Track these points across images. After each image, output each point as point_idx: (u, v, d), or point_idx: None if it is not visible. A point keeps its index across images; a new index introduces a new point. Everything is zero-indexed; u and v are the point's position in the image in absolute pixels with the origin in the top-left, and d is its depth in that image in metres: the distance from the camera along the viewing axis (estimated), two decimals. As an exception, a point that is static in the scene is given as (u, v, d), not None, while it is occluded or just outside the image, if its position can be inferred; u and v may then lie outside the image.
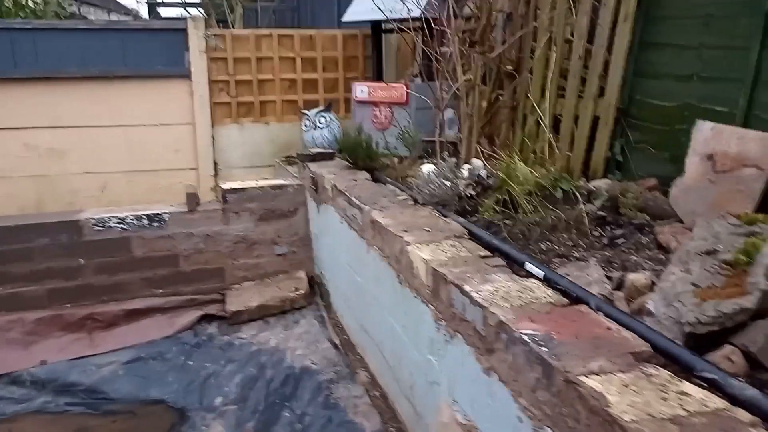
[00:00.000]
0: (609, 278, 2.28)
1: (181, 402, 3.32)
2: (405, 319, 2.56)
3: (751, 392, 1.36)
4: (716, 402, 1.36)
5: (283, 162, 5.44)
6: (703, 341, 1.70)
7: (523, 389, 1.67)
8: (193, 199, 4.18)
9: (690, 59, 3.02)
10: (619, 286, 2.25)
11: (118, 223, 3.99)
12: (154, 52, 5.70)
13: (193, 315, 3.99)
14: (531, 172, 3.09)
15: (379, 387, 2.99)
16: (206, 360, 3.61)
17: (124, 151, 5.73)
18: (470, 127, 3.90)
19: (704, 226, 2.38)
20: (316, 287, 4.27)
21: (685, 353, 1.55)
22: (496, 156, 3.63)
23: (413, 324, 2.45)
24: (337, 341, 3.53)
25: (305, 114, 5.58)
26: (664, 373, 1.49)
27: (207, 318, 4.00)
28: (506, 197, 3.02)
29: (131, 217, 4.01)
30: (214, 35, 5.83)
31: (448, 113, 4.61)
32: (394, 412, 2.79)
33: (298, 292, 4.06)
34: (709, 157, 2.81)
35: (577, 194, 2.89)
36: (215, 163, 5.95)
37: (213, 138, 5.91)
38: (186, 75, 5.77)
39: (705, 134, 2.87)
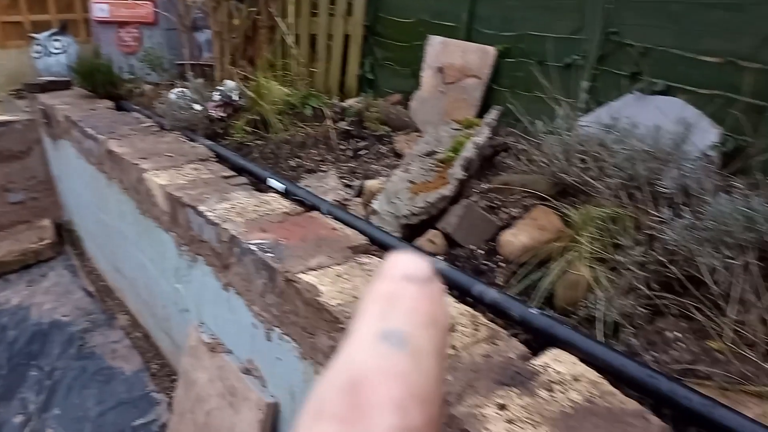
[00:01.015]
0: (350, 186, 2.40)
1: None
2: (151, 251, 2.41)
3: (440, 265, 1.54)
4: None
5: (12, 95, 4.61)
6: (416, 230, 1.89)
7: (254, 297, 1.70)
8: None
9: (422, -24, 3.19)
10: (360, 192, 2.38)
11: None
12: None
13: None
14: (282, 90, 3.05)
15: (140, 327, 2.83)
16: (-74, 334, 3.03)
17: None
18: (222, 47, 3.68)
19: (431, 131, 2.61)
20: (65, 235, 3.80)
21: (394, 241, 1.70)
22: (254, 77, 3.52)
23: (159, 254, 2.32)
24: (92, 289, 3.23)
25: (35, 38, 4.73)
26: (376, 261, 1.62)
27: None
28: (258, 117, 2.96)
29: None
30: None
31: (207, 34, 4.31)
32: (156, 349, 2.67)
33: (42, 243, 3.58)
34: (439, 70, 3.06)
35: (325, 111, 2.95)
36: None
37: None
38: None
39: (436, 48, 3.10)
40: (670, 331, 1.26)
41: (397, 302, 0.24)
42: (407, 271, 0.25)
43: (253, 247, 1.66)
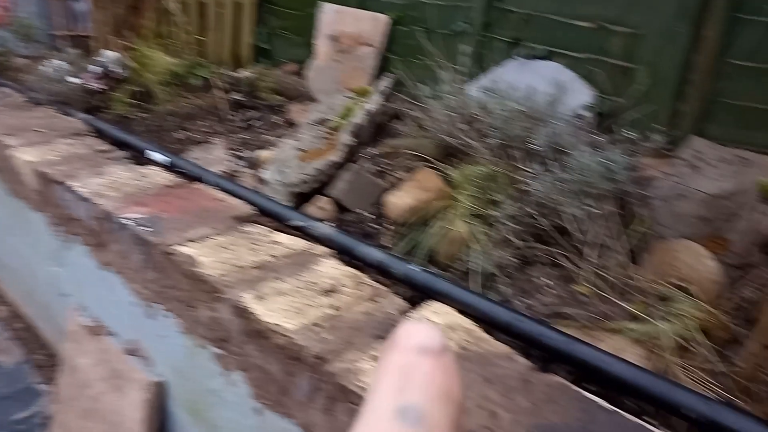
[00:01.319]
0: (241, 157, 2.33)
1: None
2: (26, 235, 2.23)
3: (327, 230, 1.54)
4: (301, 244, 1.50)
5: None
6: (307, 198, 1.87)
7: (133, 274, 1.61)
8: None
9: (313, -58, 3.10)
10: (252, 163, 2.32)
11: None
12: None
13: None
14: (167, 60, 2.89)
15: (22, 318, 2.63)
16: None
17: None
18: (102, 15, 3.43)
19: (325, 100, 2.58)
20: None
21: (282, 209, 1.66)
22: (137, 48, 3.30)
23: (33, 238, 2.15)
24: (-36, 281, 2.95)
25: None
26: (263, 229, 1.58)
27: None
28: (142, 89, 2.79)
29: None
30: None
31: (85, 4, 4.00)
32: (40, 339, 2.49)
33: None
34: (333, 39, 3.01)
35: (214, 81, 2.83)
36: None
37: None
38: None
39: (329, 16, 3.05)
40: (540, 278, 1.34)
41: (411, 375, 0.24)
42: (421, 343, 0.25)
43: (129, 222, 1.57)
